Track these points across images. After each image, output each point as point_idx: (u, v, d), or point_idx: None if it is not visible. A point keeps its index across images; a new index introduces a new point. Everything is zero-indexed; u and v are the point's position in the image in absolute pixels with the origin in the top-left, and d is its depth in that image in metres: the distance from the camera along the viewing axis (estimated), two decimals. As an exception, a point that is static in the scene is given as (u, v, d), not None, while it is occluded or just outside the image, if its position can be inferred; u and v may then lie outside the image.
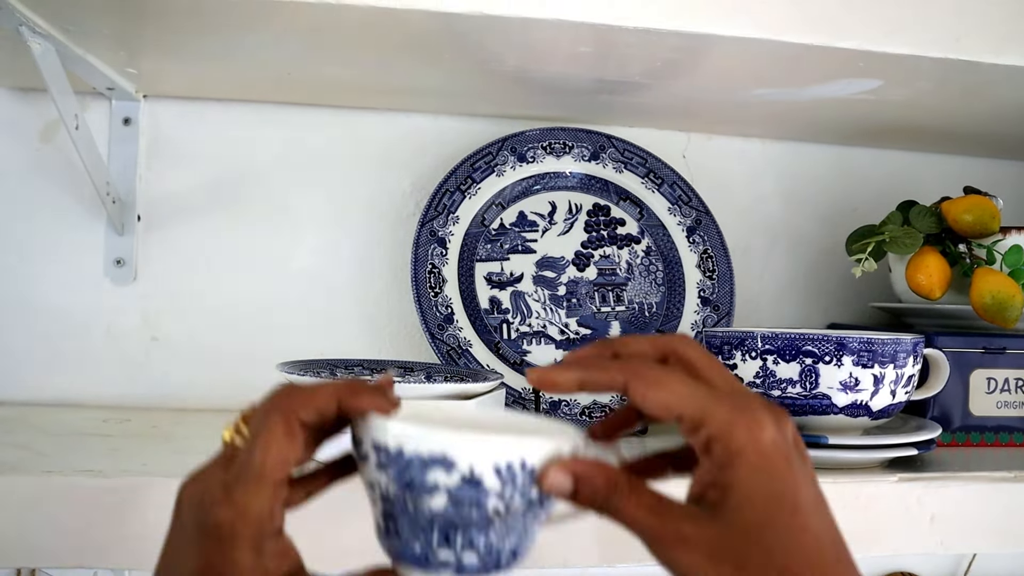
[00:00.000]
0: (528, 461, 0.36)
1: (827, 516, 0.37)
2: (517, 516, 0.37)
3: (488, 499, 0.36)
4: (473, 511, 0.37)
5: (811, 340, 0.62)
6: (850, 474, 0.63)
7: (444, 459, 0.36)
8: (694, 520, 0.35)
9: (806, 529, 0.35)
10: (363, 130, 0.88)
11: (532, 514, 0.38)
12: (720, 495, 0.35)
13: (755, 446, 0.35)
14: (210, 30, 0.64)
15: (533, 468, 0.37)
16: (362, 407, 0.38)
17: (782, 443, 0.35)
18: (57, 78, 0.67)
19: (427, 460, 0.36)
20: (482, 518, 0.37)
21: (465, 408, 0.46)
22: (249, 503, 0.36)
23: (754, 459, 0.35)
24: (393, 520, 0.38)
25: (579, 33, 0.63)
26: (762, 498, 0.35)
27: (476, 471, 0.36)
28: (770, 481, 0.35)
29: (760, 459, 0.35)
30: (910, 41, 0.64)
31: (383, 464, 0.37)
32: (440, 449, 0.36)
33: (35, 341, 0.83)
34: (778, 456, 0.35)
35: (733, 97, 0.79)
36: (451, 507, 0.36)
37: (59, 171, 0.83)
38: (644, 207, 0.85)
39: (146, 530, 0.53)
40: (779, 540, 0.34)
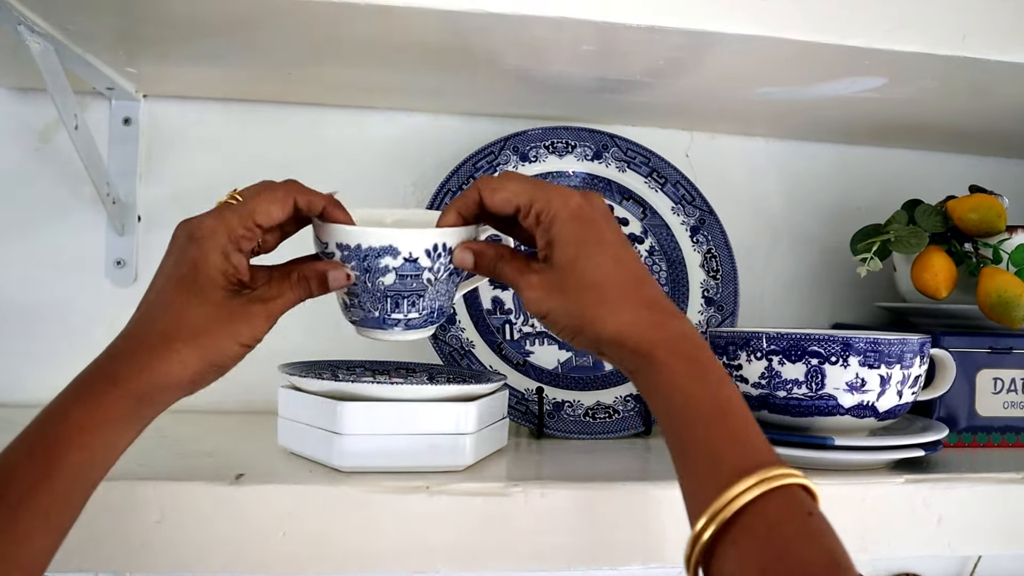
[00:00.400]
0: (448, 244, 0.53)
1: (628, 252, 0.50)
2: (442, 284, 0.54)
3: (423, 272, 0.53)
4: (414, 282, 0.53)
5: (817, 340, 0.62)
6: (856, 475, 0.62)
7: (391, 248, 0.52)
8: (537, 270, 0.51)
9: (608, 256, 0.49)
10: (364, 130, 0.87)
11: (452, 281, 0.55)
12: (549, 249, 0.50)
13: (566, 209, 0.49)
14: (210, 30, 0.64)
15: (451, 248, 0.54)
16: (328, 213, 0.53)
17: (587, 206, 0.50)
18: (56, 78, 0.66)
19: (379, 250, 0.52)
20: (420, 286, 0.54)
21: (393, 212, 0.60)
22: (231, 218, 0.48)
23: (565, 216, 0.49)
24: (356, 297, 0.54)
25: (581, 31, 0.62)
26: (574, 240, 0.49)
27: (414, 253, 0.53)
28: (579, 228, 0.49)
29: (570, 215, 0.49)
30: (915, 39, 0.64)
31: (346, 258, 0.53)
32: (388, 241, 0.52)
33: (35, 343, 0.82)
34: (583, 213, 0.50)
35: (736, 95, 0.79)
36: (398, 281, 0.53)
37: (59, 172, 0.83)
38: (647, 207, 0.84)
39: (147, 533, 0.52)
40: (588, 266, 0.49)
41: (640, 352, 0.46)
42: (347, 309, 0.56)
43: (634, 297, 0.48)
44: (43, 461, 0.41)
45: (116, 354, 0.46)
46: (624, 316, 0.47)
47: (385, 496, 0.54)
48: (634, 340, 0.47)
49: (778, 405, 0.63)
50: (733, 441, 0.43)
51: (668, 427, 0.46)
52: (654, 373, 0.46)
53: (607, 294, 0.48)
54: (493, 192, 0.51)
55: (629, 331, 0.47)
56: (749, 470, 0.40)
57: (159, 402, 0.46)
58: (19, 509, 0.40)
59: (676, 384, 0.45)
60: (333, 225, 0.53)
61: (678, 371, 0.45)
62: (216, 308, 0.47)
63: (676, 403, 0.45)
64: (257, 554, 0.53)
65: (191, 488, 0.53)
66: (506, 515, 0.55)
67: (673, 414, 0.45)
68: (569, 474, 0.60)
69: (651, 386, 0.47)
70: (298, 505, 0.54)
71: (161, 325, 0.46)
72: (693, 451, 0.44)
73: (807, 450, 0.62)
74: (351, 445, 0.56)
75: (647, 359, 0.46)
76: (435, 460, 0.58)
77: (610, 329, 0.47)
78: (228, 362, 0.48)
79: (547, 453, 0.69)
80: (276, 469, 0.58)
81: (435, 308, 0.55)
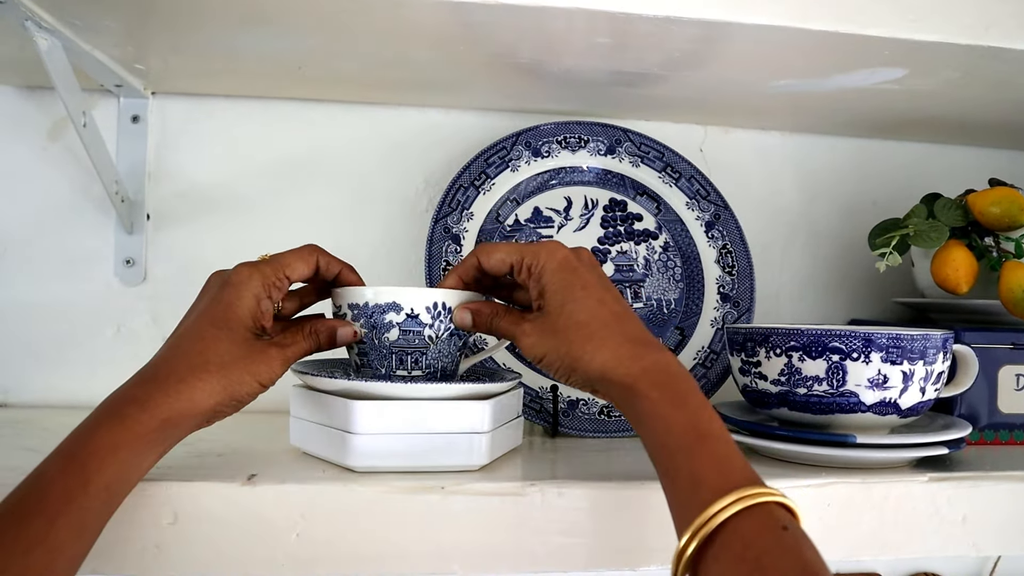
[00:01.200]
0: (447, 303, 0.59)
1: (611, 293, 0.55)
2: (444, 343, 0.59)
3: (424, 329, 0.58)
4: (416, 338, 0.58)
5: (838, 336, 0.61)
6: (878, 474, 0.61)
7: (395, 304, 0.58)
8: (531, 319, 0.55)
9: (592, 298, 0.53)
10: (375, 126, 0.86)
11: (453, 344, 0.60)
12: (541, 298, 0.55)
13: (554, 260, 0.55)
14: (219, 23, 0.63)
15: (450, 308, 0.59)
16: (343, 276, 0.60)
17: (572, 257, 0.56)
18: (64, 75, 0.66)
19: (384, 307, 0.58)
20: (422, 343, 0.58)
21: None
22: (264, 268, 0.55)
23: (553, 266, 0.55)
24: (365, 356, 0.59)
25: (595, 23, 0.61)
26: (561, 287, 0.54)
27: (415, 309, 0.58)
28: (565, 275, 0.54)
29: (557, 265, 0.55)
30: (937, 28, 0.62)
31: (356, 316, 0.59)
32: (392, 298, 0.58)
33: (44, 343, 0.82)
34: (569, 262, 0.55)
35: (753, 88, 0.78)
36: (401, 337, 0.58)
37: (67, 170, 0.82)
38: (662, 202, 0.83)
39: (161, 535, 0.51)
40: (575, 309, 0.53)
41: (624, 385, 0.50)
42: (358, 371, 0.61)
43: (616, 333, 0.52)
44: (77, 477, 0.44)
45: (145, 380, 0.50)
46: (607, 351, 0.51)
47: (400, 496, 0.53)
48: (618, 374, 0.50)
49: (798, 402, 0.62)
50: (712, 464, 0.45)
51: (653, 453, 0.49)
52: (637, 403, 0.49)
53: (592, 332, 0.52)
54: (489, 255, 0.57)
55: (612, 365, 0.51)
56: (727, 490, 0.43)
57: (182, 428, 0.50)
58: (56, 521, 0.43)
59: (657, 412, 0.48)
60: (346, 288, 0.60)
61: (657, 400, 0.48)
62: (240, 346, 0.52)
63: (658, 430, 0.48)
64: (270, 555, 0.52)
65: (204, 489, 0.52)
66: (523, 515, 0.54)
67: (656, 441, 0.48)
68: (586, 473, 0.58)
69: (635, 416, 0.50)
70: (311, 506, 0.53)
71: (191, 356, 0.50)
72: (676, 475, 0.46)
73: (828, 448, 0.60)
74: (365, 444, 0.55)
75: (630, 391, 0.50)
76: (450, 459, 0.57)
77: (596, 365, 0.51)
78: (246, 397, 0.52)
79: (562, 452, 0.68)
80: (289, 469, 0.57)
81: (438, 368, 0.60)
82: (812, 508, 0.59)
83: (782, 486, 0.58)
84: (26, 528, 0.42)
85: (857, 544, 0.60)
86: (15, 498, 0.44)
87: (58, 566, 0.43)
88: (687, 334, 0.80)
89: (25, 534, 0.42)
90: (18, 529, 0.42)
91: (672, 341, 0.79)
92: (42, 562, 0.42)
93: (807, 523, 0.58)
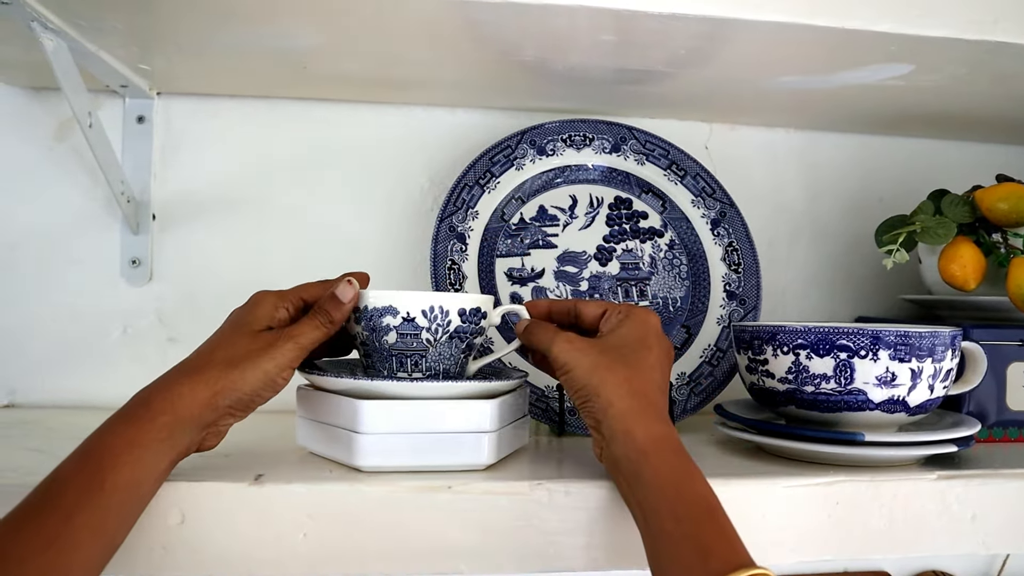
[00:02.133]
0: (444, 306, 0.59)
1: (663, 373, 0.56)
2: (443, 347, 0.59)
3: (421, 332, 0.59)
4: (413, 341, 0.59)
5: (845, 334, 0.60)
6: (887, 472, 0.61)
7: (391, 308, 0.58)
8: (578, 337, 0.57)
9: (649, 358, 0.56)
10: (380, 125, 0.86)
11: (455, 347, 0.60)
12: (605, 329, 0.58)
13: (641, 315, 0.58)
14: (224, 22, 0.63)
15: (447, 311, 0.59)
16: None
17: (659, 329, 0.58)
18: (70, 76, 0.66)
19: (381, 310, 0.58)
20: (420, 346, 0.59)
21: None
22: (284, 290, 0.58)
23: (640, 317, 0.58)
24: (368, 356, 0.61)
25: (600, 20, 0.61)
26: (630, 331, 0.57)
27: (411, 313, 0.58)
28: (643, 329, 0.57)
29: (642, 319, 0.58)
30: (945, 23, 0.62)
31: (358, 319, 0.59)
32: (388, 302, 0.58)
33: (51, 343, 0.82)
34: (655, 329, 0.58)
35: (758, 85, 0.77)
36: (399, 340, 0.59)
37: (73, 171, 0.83)
38: (667, 199, 0.83)
39: (170, 535, 0.51)
40: (631, 353, 0.55)
41: (638, 446, 0.51)
42: (364, 372, 0.62)
43: (648, 397, 0.53)
44: (94, 473, 0.45)
45: (156, 383, 0.51)
46: (634, 402, 0.52)
47: (407, 496, 0.53)
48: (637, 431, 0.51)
49: (806, 400, 0.62)
50: (722, 538, 0.47)
51: (653, 517, 0.49)
52: (648, 466, 0.50)
53: (630, 378, 0.53)
54: (586, 305, 0.61)
55: (633, 417, 0.52)
56: (738, 564, 0.45)
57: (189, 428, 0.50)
58: (72, 518, 0.43)
59: (671, 479, 0.49)
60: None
61: (674, 466, 0.50)
62: (251, 339, 0.54)
63: (669, 496, 0.49)
64: (278, 555, 0.52)
65: (212, 489, 0.52)
66: (530, 515, 0.54)
67: (664, 506, 0.49)
68: (593, 472, 0.58)
69: (642, 479, 0.50)
70: (319, 505, 0.53)
71: (199, 358, 0.53)
72: (682, 542, 0.47)
73: (836, 446, 0.60)
74: (371, 444, 0.55)
75: (643, 454, 0.50)
76: (456, 459, 0.56)
77: (619, 408, 0.52)
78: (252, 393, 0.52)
79: (568, 451, 0.67)
80: (296, 469, 0.57)
81: (438, 371, 0.60)
82: (821, 506, 0.58)
83: (791, 484, 0.58)
84: (43, 525, 0.43)
85: (866, 542, 0.59)
86: (34, 495, 0.44)
87: (75, 565, 0.43)
88: (693, 332, 0.79)
89: (43, 531, 0.43)
90: (36, 526, 0.43)
91: (678, 339, 0.79)
92: (60, 560, 0.42)
93: (819, 522, 0.59)
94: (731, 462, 0.64)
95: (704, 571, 0.45)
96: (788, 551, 0.58)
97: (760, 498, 0.58)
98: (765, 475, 0.59)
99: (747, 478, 0.59)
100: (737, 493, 0.57)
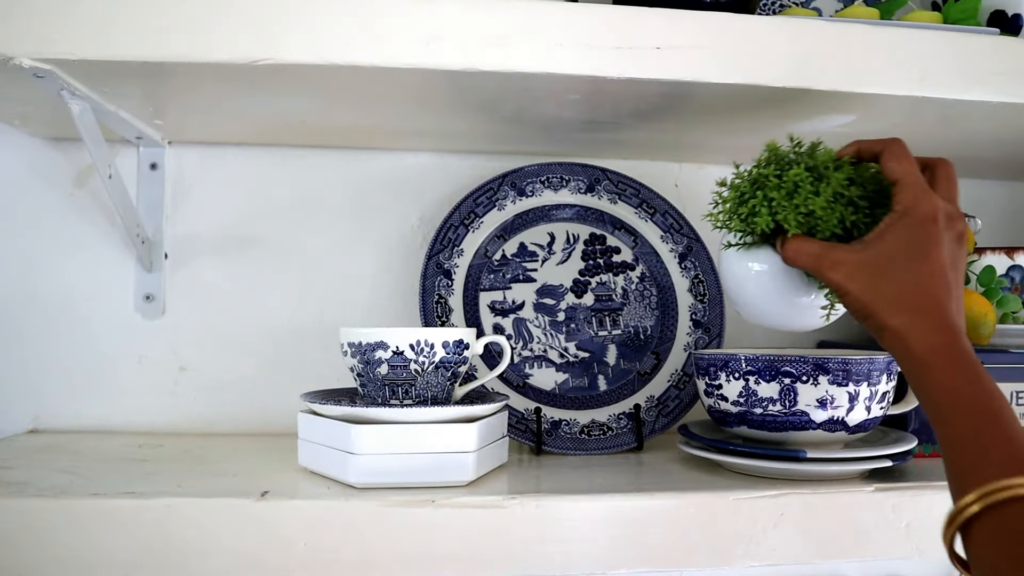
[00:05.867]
0: (429, 339, 0.67)
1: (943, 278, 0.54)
2: (430, 375, 0.67)
3: (409, 364, 0.66)
4: (403, 372, 0.66)
5: (789, 361, 0.67)
6: (830, 485, 0.68)
7: (382, 343, 0.66)
8: (850, 251, 0.56)
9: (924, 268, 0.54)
10: (373, 170, 0.94)
11: (441, 375, 0.68)
12: (877, 236, 0.56)
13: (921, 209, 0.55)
14: (230, 89, 0.70)
15: (432, 344, 0.67)
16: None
17: (942, 217, 0.55)
18: (92, 133, 0.73)
19: (373, 344, 0.66)
20: (409, 376, 0.67)
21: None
22: None
23: (919, 214, 0.55)
24: (364, 386, 0.68)
25: (570, 83, 0.68)
26: (907, 236, 0.55)
27: (400, 347, 0.66)
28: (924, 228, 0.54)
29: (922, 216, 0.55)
30: (876, 82, 0.69)
31: (352, 354, 0.68)
32: (379, 338, 0.66)
33: (72, 373, 0.89)
34: (935, 220, 0.55)
35: (720, 129, 0.84)
36: (390, 371, 0.66)
37: (92, 214, 0.90)
38: (638, 235, 0.90)
39: (184, 545, 0.58)
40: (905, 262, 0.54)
41: (916, 355, 0.52)
42: (362, 399, 0.70)
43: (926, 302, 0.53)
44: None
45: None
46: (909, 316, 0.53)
47: (395, 509, 0.60)
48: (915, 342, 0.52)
49: (755, 421, 0.69)
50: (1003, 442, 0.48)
51: (939, 421, 0.51)
52: (927, 375, 0.52)
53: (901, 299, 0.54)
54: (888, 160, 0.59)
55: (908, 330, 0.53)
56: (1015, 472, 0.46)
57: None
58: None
59: (948, 386, 0.50)
60: (344, 329, 0.70)
61: (951, 374, 0.51)
62: None
63: (945, 403, 0.50)
64: (282, 563, 0.59)
65: (222, 505, 0.59)
66: (505, 525, 0.61)
67: (943, 413, 0.50)
68: (564, 487, 0.65)
69: (922, 386, 0.52)
70: (318, 518, 0.60)
71: None
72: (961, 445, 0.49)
73: (780, 462, 0.67)
74: (364, 464, 0.62)
75: (922, 363, 0.52)
76: (440, 476, 0.63)
77: (895, 323, 0.53)
78: None
79: (545, 468, 0.74)
80: (297, 486, 0.64)
81: (427, 397, 0.68)
82: (768, 517, 0.65)
83: (740, 496, 0.65)
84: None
85: (809, 549, 0.66)
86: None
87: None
88: (662, 358, 0.86)
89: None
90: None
91: (648, 365, 0.86)
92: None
93: (765, 531, 0.65)
94: (694, 477, 0.71)
95: (980, 477, 0.46)
96: (737, 557, 0.65)
97: (714, 509, 0.65)
98: (720, 488, 0.66)
99: (704, 491, 0.66)
100: (695, 505, 0.64)
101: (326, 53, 0.62)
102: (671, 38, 0.66)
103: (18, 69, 0.61)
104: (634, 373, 0.86)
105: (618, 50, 0.65)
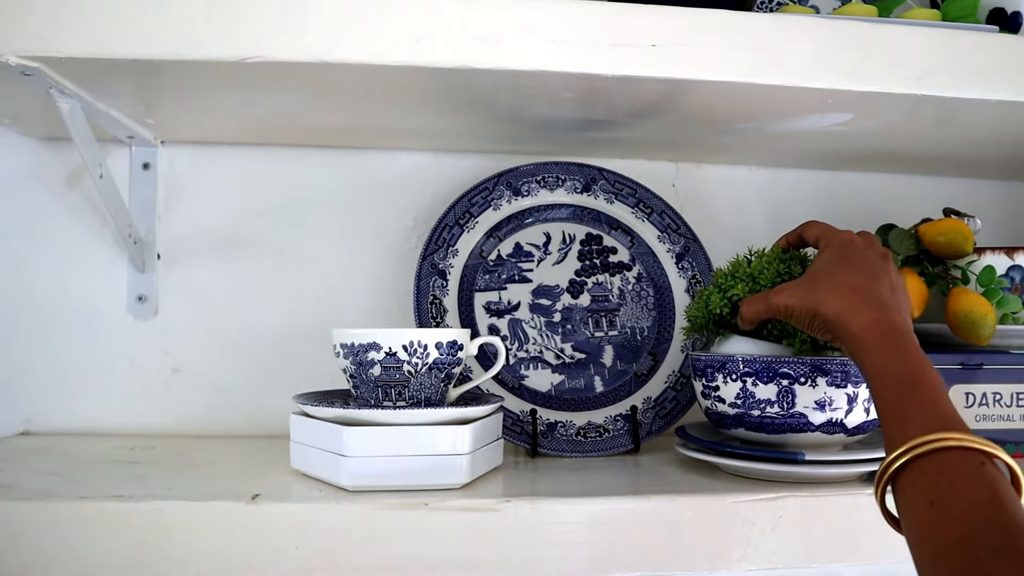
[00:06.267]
0: (423, 341, 0.66)
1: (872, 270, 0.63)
2: (424, 377, 0.66)
3: (403, 365, 0.66)
4: (396, 373, 0.66)
5: (787, 363, 0.67)
6: (828, 487, 0.67)
7: (375, 344, 0.65)
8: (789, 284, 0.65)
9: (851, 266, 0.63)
10: (367, 169, 0.93)
11: (435, 377, 0.67)
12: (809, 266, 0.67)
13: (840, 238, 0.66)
14: (220, 88, 0.70)
15: (425, 345, 0.66)
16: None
17: (859, 240, 0.66)
18: (82, 132, 0.72)
19: (366, 346, 0.65)
20: (402, 377, 0.66)
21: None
22: None
23: (839, 241, 0.66)
24: (356, 388, 0.68)
25: (565, 81, 0.68)
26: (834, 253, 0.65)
27: (393, 348, 0.65)
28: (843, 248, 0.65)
29: (841, 242, 0.66)
30: (875, 79, 0.69)
31: (345, 355, 0.67)
32: (372, 339, 0.65)
33: (64, 374, 0.88)
34: (853, 243, 0.65)
35: (718, 129, 0.84)
36: (383, 372, 0.65)
37: (84, 214, 0.89)
38: (635, 235, 0.89)
39: (175, 548, 0.57)
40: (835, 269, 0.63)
41: (852, 334, 0.58)
42: (355, 401, 0.69)
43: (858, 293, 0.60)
44: None
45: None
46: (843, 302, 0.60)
47: (387, 512, 0.59)
48: (850, 323, 0.59)
49: (753, 423, 0.68)
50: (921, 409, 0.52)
51: (874, 395, 0.55)
52: (860, 351, 0.58)
53: (837, 285, 0.62)
54: (810, 227, 0.70)
55: (845, 315, 0.59)
56: (932, 429, 0.49)
57: None
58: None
59: (876, 359, 0.56)
60: (337, 330, 0.69)
61: (878, 348, 0.56)
62: None
63: (875, 374, 0.56)
64: (272, 566, 0.58)
65: (213, 507, 0.58)
66: (499, 528, 0.60)
67: (875, 384, 0.55)
68: (560, 490, 0.64)
69: (860, 363, 0.58)
70: (309, 521, 0.59)
71: None
72: (889, 414, 0.53)
73: (778, 464, 0.66)
74: (356, 466, 0.61)
75: (857, 340, 0.58)
76: (434, 479, 0.63)
77: (832, 311, 0.60)
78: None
79: (541, 471, 0.73)
80: (289, 489, 0.63)
81: (420, 399, 0.68)
82: (766, 520, 0.64)
83: (738, 499, 0.64)
84: None
85: (808, 552, 0.65)
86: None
87: None
88: (659, 359, 0.86)
89: None
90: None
91: (645, 366, 0.85)
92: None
93: (763, 534, 0.64)
94: (691, 480, 0.70)
95: (903, 437, 0.50)
96: (735, 561, 0.64)
97: (711, 512, 0.64)
98: (718, 491, 0.65)
99: (702, 494, 0.65)
100: (693, 508, 0.64)
101: (315, 51, 0.61)
102: (667, 36, 0.65)
103: (5, 67, 0.60)
104: (631, 374, 0.85)
105: (613, 47, 0.65)
